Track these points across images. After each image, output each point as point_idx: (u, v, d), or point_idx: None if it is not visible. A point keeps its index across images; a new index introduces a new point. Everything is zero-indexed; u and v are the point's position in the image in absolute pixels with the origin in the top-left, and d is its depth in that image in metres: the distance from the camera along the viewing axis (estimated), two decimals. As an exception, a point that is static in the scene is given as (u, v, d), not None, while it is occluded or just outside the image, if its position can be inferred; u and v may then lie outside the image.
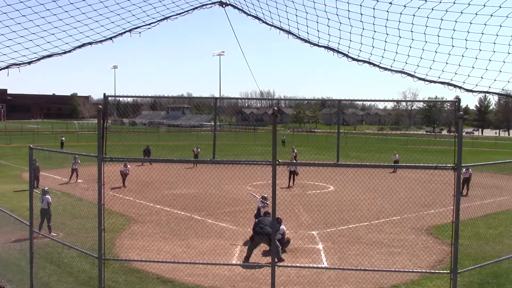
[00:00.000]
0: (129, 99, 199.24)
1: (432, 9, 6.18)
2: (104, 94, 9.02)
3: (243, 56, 29.15)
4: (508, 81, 6.54)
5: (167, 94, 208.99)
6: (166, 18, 7.42)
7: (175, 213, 21.42)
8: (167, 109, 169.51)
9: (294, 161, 38.45)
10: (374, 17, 6.52)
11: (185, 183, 26.01)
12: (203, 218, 20.56)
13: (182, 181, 25.74)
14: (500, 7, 5.82)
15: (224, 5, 7.34)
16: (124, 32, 7.58)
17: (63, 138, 58.48)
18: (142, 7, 7.20)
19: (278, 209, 9.46)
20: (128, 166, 29.36)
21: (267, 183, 27.71)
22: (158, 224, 19.31)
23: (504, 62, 6.41)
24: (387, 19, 6.50)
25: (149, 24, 7.48)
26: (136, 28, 7.54)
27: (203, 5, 7.33)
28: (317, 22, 6.90)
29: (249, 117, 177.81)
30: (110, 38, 7.63)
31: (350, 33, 6.78)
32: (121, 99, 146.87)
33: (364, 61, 6.86)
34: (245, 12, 7.30)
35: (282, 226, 15.62)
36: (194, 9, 7.27)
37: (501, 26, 6.13)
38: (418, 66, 6.81)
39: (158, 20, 7.46)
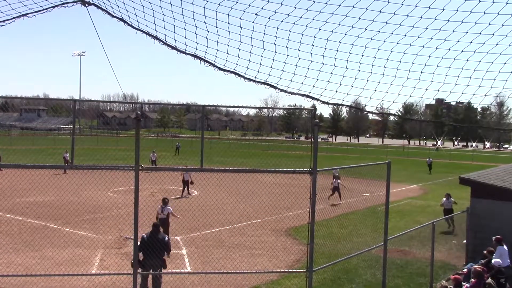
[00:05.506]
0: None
1: (294, 24, 6.58)
2: None
3: (106, 57, 28.07)
4: (359, 95, 7.20)
5: (20, 94, 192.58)
6: (23, 15, 6.84)
7: (28, 222, 19.84)
8: (20, 110, 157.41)
9: (155, 165, 37.71)
10: (240, 27, 6.75)
11: (40, 190, 24.15)
12: (59, 226, 19.33)
13: (37, 188, 23.86)
14: (373, 21, 6.34)
15: (86, 5, 7.00)
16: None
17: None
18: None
19: (140, 215, 9.24)
20: None
21: (129, 188, 26.91)
22: (8, 234, 17.71)
23: (355, 78, 7.07)
24: (252, 30, 6.77)
25: (3, 21, 6.84)
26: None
27: (64, 3, 6.92)
28: (185, 29, 6.93)
29: (111, 121, 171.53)
30: None
31: (217, 42, 6.92)
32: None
33: (230, 71, 7.03)
34: (109, 13, 7.05)
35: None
36: (54, 7, 6.82)
37: (366, 47, 6.74)
38: (280, 78, 7.19)
39: (14, 17, 6.86)
